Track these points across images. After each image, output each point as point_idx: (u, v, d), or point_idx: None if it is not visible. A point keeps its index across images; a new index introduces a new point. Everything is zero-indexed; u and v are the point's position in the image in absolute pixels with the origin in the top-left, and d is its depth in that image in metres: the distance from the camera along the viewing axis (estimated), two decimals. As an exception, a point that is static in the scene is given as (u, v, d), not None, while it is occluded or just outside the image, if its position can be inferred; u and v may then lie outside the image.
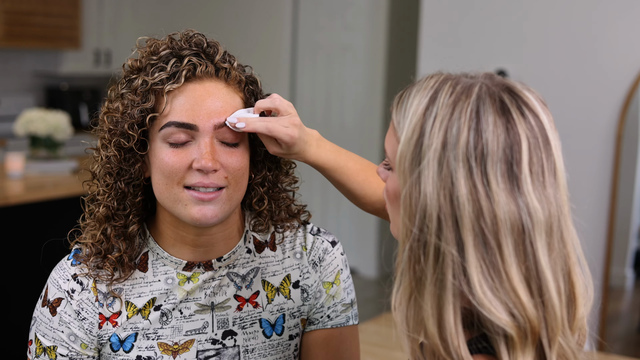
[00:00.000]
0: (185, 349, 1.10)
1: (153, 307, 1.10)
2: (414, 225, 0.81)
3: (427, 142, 0.81)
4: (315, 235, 1.20)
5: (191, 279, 1.11)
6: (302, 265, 1.18)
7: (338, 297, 1.19)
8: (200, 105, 1.02)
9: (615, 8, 3.29)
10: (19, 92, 5.69)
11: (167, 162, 1.02)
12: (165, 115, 1.02)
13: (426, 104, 0.83)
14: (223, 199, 1.04)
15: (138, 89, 1.03)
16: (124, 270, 1.09)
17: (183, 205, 1.03)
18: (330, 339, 1.18)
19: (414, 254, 0.81)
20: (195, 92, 1.03)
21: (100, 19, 5.83)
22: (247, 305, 1.14)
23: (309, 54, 5.41)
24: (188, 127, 1.01)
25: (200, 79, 1.03)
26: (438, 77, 0.87)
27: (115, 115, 1.04)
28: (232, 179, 1.04)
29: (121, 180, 1.06)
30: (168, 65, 1.03)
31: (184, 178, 1.02)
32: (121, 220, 1.08)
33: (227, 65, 1.06)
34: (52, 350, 1.09)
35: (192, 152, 1.02)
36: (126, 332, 1.09)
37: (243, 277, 1.14)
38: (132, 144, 1.03)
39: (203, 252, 1.11)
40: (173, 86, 1.02)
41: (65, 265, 1.11)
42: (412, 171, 0.82)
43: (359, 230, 5.34)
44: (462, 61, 3.65)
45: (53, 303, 1.09)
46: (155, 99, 1.03)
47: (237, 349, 1.12)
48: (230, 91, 1.06)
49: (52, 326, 1.09)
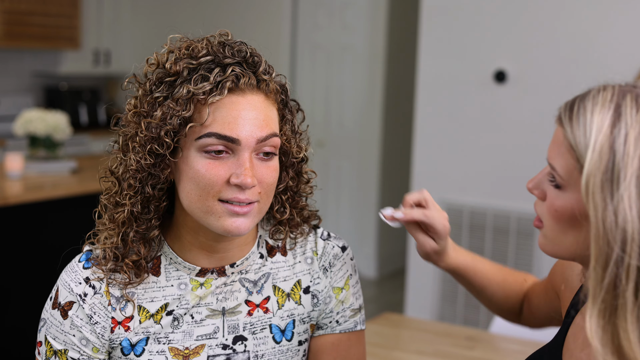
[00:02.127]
0: (196, 353, 1.10)
1: (165, 312, 1.10)
2: (612, 249, 0.79)
3: (621, 163, 0.79)
4: (325, 240, 1.20)
5: (204, 284, 1.11)
6: (313, 271, 1.18)
7: (347, 302, 1.19)
8: (244, 119, 1.00)
9: (615, 8, 3.29)
10: (18, 92, 5.69)
11: (204, 174, 1.01)
12: (206, 125, 1.00)
13: (611, 120, 0.80)
14: (255, 212, 1.04)
15: (181, 98, 1.01)
16: (140, 274, 1.08)
17: (216, 217, 1.02)
18: (338, 344, 1.19)
19: (611, 278, 0.79)
20: (238, 105, 1.01)
21: (99, 19, 5.83)
22: (258, 310, 1.13)
23: (308, 54, 5.41)
24: (229, 141, 1.00)
25: (243, 91, 1.02)
26: (612, 89, 0.85)
27: (153, 122, 1.01)
28: (264, 193, 1.04)
29: (149, 185, 1.04)
30: (212, 75, 1.01)
31: (220, 192, 1.01)
32: (143, 224, 1.06)
33: (268, 78, 1.04)
34: (63, 353, 1.08)
35: (230, 165, 1.01)
36: (138, 336, 1.09)
37: (254, 283, 1.14)
38: (167, 151, 1.02)
39: (218, 259, 1.11)
40: (216, 98, 1.00)
41: (77, 268, 1.09)
42: (606, 193, 0.79)
43: (359, 230, 5.34)
44: (462, 61, 3.66)
45: (64, 306, 1.08)
46: (194, 108, 1.01)
47: (248, 354, 1.12)
48: (269, 104, 1.05)
49: (63, 329, 1.08)
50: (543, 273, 3.51)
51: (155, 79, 1.04)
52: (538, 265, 3.52)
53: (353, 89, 5.28)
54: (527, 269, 3.55)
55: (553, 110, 0.97)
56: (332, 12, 5.27)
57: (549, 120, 3.61)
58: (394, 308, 4.49)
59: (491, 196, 3.63)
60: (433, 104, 3.75)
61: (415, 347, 2.17)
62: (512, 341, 2.24)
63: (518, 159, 3.55)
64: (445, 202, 3.70)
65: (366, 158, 5.27)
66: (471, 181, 3.67)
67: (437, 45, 3.71)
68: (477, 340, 2.23)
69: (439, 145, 3.74)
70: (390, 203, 5.39)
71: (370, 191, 5.28)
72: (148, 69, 1.06)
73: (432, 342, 2.20)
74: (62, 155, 3.96)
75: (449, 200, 3.70)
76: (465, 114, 3.66)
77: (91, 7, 5.75)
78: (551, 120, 3.27)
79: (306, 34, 5.40)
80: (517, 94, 3.51)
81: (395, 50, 5.21)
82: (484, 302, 1.21)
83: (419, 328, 2.31)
